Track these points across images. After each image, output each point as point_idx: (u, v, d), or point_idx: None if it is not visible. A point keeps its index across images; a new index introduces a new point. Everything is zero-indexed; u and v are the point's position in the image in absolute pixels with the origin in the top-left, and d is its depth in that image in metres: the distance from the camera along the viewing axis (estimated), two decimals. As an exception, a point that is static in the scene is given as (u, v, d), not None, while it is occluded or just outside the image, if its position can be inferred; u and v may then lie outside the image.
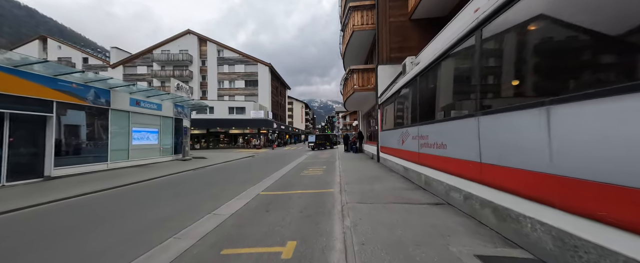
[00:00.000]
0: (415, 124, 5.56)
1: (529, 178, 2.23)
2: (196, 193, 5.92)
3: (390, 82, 9.57)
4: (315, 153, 19.21)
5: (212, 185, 6.98)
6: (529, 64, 2.44)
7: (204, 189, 6.41)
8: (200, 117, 29.22)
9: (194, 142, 30.04)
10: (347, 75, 11.84)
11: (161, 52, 33.84)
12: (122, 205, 5.00)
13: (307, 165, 11.10)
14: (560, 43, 2.11)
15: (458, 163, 3.56)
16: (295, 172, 9.03)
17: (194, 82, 34.56)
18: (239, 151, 24.66)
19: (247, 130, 30.72)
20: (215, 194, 5.74)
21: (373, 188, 5.44)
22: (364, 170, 8.32)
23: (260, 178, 7.91)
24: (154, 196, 5.76)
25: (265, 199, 5.17)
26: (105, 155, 9.78)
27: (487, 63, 3.06)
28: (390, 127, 8.35)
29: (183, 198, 5.50)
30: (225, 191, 6.05)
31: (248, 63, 35.35)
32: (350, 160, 12.10)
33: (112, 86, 9.86)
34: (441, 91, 4.44)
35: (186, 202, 5.14)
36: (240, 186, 6.68)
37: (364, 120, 18.08)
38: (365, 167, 9.15)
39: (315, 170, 9.48)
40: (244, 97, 34.83)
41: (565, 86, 2.00)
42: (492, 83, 3.05)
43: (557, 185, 1.95)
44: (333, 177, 7.71)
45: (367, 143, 15.82)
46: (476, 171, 3.06)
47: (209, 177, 8.39)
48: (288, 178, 7.76)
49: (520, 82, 2.56)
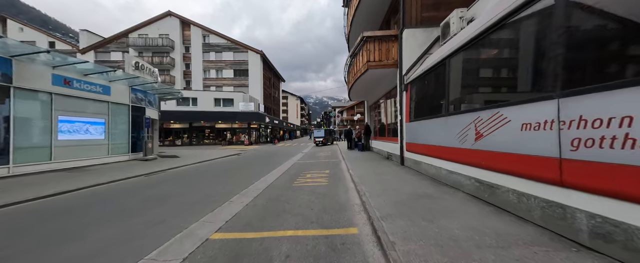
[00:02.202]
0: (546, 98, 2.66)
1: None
2: (89, 234, 2.90)
3: (424, 52, 6.66)
4: (312, 151, 16.30)
5: (137, 211, 3.97)
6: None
7: (119, 219, 3.39)
8: (181, 109, 25.88)
9: (174, 137, 26.73)
10: (357, 48, 8.89)
11: (138, 36, 30.04)
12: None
13: (304, 168, 8.19)
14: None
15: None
16: (287, 181, 6.10)
17: (177, 70, 30.98)
18: (224, 148, 21.59)
19: (235, 125, 27.51)
20: (117, 237, 2.75)
21: (443, 228, 2.57)
22: (390, 179, 5.44)
23: (230, 193, 4.97)
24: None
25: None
26: (6, 156, 6.63)
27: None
28: (427, 114, 5.49)
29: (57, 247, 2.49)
30: (139, 229, 3.05)
31: (237, 50, 31.88)
32: (360, 160, 9.23)
33: (15, 53, 6.66)
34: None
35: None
36: (185, 212, 3.71)
37: (371, 111, 15.19)
38: (387, 173, 6.28)
39: (316, 176, 6.57)
40: (233, 88, 31.48)
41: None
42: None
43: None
44: (346, 192, 4.81)
45: (376, 139, 12.97)
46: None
47: (151, 191, 5.37)
48: (273, 194, 4.82)
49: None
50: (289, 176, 6.99)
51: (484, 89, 4.08)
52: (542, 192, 2.58)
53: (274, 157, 12.90)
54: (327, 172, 7.55)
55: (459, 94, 4.39)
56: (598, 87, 1.99)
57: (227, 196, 4.76)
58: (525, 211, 2.82)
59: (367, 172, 6.61)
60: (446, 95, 4.61)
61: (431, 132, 5.26)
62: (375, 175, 6.00)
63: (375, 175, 6.10)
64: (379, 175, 6.06)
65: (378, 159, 9.54)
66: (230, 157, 13.42)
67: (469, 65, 4.15)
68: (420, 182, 5.09)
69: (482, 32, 3.54)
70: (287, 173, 7.56)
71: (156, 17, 30.72)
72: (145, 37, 29.89)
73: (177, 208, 4.11)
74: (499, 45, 3.43)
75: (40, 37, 31.88)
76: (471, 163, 3.85)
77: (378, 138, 12.54)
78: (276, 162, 10.37)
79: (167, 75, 30.16)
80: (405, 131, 7.15)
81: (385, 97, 10.61)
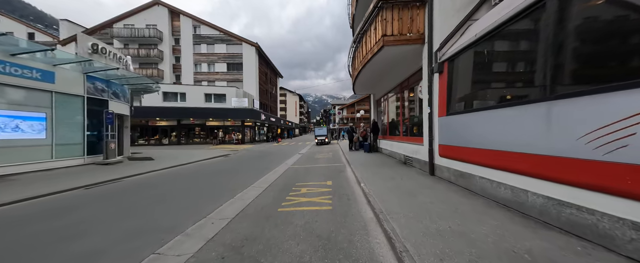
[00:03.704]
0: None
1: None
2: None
3: (466, 17, 4.62)
4: (311, 152, 14.29)
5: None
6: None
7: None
8: (168, 105, 23.81)
9: (160, 136, 24.66)
10: (367, 23, 6.85)
11: (123, 27, 27.81)
12: None
13: (299, 177, 6.16)
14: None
15: None
16: (272, 201, 4.05)
17: (165, 63, 28.81)
18: (215, 148, 19.57)
19: (227, 122, 25.46)
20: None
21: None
22: (432, 205, 3.41)
23: (173, 227, 2.94)
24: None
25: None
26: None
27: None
28: (491, 103, 3.49)
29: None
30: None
31: (230, 42, 29.68)
32: (369, 166, 7.21)
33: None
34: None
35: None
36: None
37: (378, 106, 13.18)
38: (419, 190, 4.25)
39: (314, 191, 4.53)
40: (226, 83, 29.37)
41: None
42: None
43: None
44: (366, 233, 2.76)
45: (385, 138, 10.97)
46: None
47: (55, 222, 3.33)
48: (240, 235, 2.78)
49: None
50: (276, 191, 4.98)
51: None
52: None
53: (266, 160, 10.89)
54: (330, 184, 5.54)
55: (586, 61, 2.36)
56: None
57: (157, 240, 2.74)
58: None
59: (387, 186, 4.60)
60: (551, 64, 2.57)
61: (502, 131, 3.24)
62: (405, 196, 3.98)
63: (402, 194, 4.08)
64: (409, 195, 4.04)
65: (392, 164, 7.54)
66: (214, 160, 11.41)
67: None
68: (491, 213, 3.07)
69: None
70: (275, 185, 5.55)
71: (143, 6, 28.50)
72: (131, 28, 27.70)
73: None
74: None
75: (18, 28, 29.67)
76: (631, 192, 1.84)
77: (389, 137, 10.54)
78: (266, 167, 8.36)
79: (155, 69, 28.00)
80: (438, 128, 5.14)
81: (400, 87, 8.59)
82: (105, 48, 9.85)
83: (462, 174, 4.31)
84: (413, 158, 6.92)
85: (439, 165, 5.22)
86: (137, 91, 14.08)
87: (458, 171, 4.45)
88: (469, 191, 4.06)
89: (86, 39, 9.11)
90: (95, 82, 9.33)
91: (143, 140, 24.30)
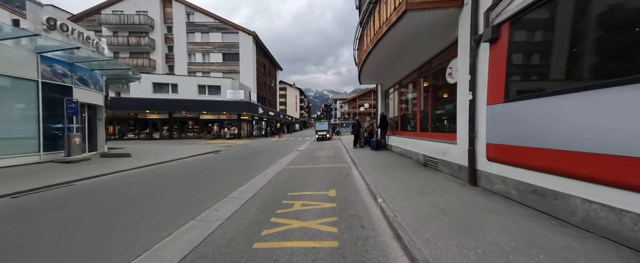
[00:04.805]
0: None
1: None
2: None
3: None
4: (311, 149, 12.86)
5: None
6: None
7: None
8: (158, 97, 22.32)
9: (151, 130, 23.23)
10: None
11: (112, 13, 26.10)
12: None
13: (295, 183, 4.71)
14: None
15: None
16: (252, 222, 2.59)
17: (157, 53, 27.17)
18: (208, 143, 18.17)
19: (223, 116, 23.99)
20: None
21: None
22: (525, 249, 1.96)
23: None
24: None
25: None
26: None
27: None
28: (607, 77, 2.00)
29: None
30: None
31: (226, 31, 27.95)
32: (382, 169, 5.74)
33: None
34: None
35: None
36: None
37: (386, 99, 11.67)
38: (479, 215, 2.80)
39: (312, 208, 3.05)
40: (222, 75, 27.77)
41: None
42: None
43: None
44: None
45: (396, 134, 9.50)
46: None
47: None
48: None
49: None
50: (260, 206, 3.54)
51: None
52: None
53: (259, 158, 9.48)
54: (333, 195, 4.09)
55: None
56: None
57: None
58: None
59: (418, 205, 3.15)
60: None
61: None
62: (459, 231, 2.53)
63: (453, 227, 2.64)
64: (465, 228, 2.59)
65: (408, 167, 6.08)
66: (201, 157, 10.01)
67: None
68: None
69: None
70: (261, 196, 4.11)
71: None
72: (120, 14, 25.99)
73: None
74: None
75: (2, 13, 28.01)
76: None
77: (400, 133, 9.06)
78: (257, 167, 6.93)
79: (146, 59, 26.40)
80: (486, 121, 3.66)
81: (419, 71, 7.06)
82: (67, 25, 8.32)
83: (538, 190, 2.84)
84: (438, 160, 5.46)
85: (487, 172, 3.75)
86: (117, 79, 12.60)
87: (528, 185, 2.98)
88: (560, 221, 2.59)
89: (41, 11, 7.58)
90: (53, 65, 7.84)
91: (133, 134, 22.92)
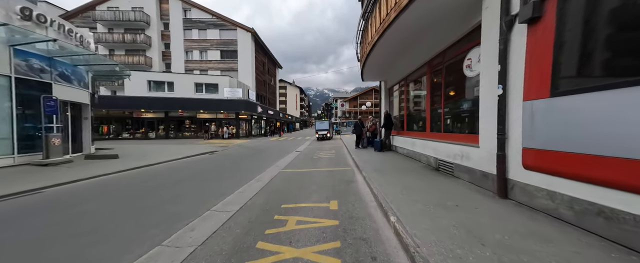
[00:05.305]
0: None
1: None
2: None
3: None
4: (310, 149, 12.22)
5: None
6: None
7: None
8: (154, 95, 21.68)
9: (147, 129, 22.60)
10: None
11: (107, 9, 25.43)
12: None
13: (290, 193, 4.06)
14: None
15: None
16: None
17: (154, 50, 26.51)
18: (205, 143, 17.56)
19: (220, 114, 23.35)
20: None
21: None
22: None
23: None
24: None
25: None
26: None
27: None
28: None
29: None
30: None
31: (224, 27, 27.24)
32: (392, 174, 5.09)
33: None
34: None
35: None
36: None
37: (389, 96, 11.00)
38: (525, 242, 2.15)
39: (308, 234, 2.39)
40: (220, 72, 27.10)
41: None
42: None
43: None
44: None
45: (402, 134, 8.85)
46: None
47: None
48: None
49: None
50: (246, 224, 2.90)
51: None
52: None
53: (256, 159, 8.84)
54: (335, 207, 3.45)
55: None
56: None
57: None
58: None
59: (443, 227, 2.50)
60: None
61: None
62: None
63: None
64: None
65: (419, 171, 5.43)
66: (194, 158, 9.38)
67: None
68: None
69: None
70: (249, 209, 3.47)
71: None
72: (115, 10, 25.31)
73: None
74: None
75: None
76: None
77: (406, 133, 8.41)
78: (251, 170, 6.27)
79: (142, 56, 25.74)
80: (525, 121, 3.00)
81: (429, 65, 6.39)
82: (45, 16, 7.67)
83: (607, 212, 2.17)
84: (454, 165, 4.80)
85: (523, 183, 3.09)
86: (106, 76, 11.95)
87: (591, 204, 2.32)
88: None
89: (13, 0, 6.93)
90: (29, 59, 7.20)
91: (128, 133, 22.30)
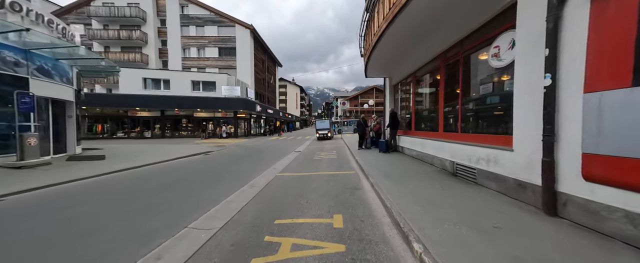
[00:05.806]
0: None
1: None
2: None
3: None
4: (310, 150, 11.57)
5: None
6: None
7: None
8: (149, 93, 21.05)
9: (142, 128, 21.96)
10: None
11: (102, 5, 24.77)
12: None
13: (284, 197, 3.40)
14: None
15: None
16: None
17: (150, 47, 25.85)
18: (201, 142, 16.91)
19: (218, 113, 22.69)
20: None
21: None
22: None
23: None
24: None
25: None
26: None
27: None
28: None
29: None
30: None
31: (222, 24, 26.55)
32: (405, 180, 4.43)
33: None
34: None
35: None
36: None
37: (395, 93, 10.33)
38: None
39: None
40: (218, 70, 26.42)
41: None
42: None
43: None
44: None
45: (409, 134, 8.18)
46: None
47: None
48: None
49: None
50: (231, 244, 2.24)
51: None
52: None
53: (252, 160, 8.20)
54: (339, 226, 2.81)
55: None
56: None
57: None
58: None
59: (484, 260, 1.83)
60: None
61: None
62: None
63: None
64: None
65: (434, 177, 4.77)
66: (187, 159, 8.76)
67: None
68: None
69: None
70: (235, 226, 2.82)
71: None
72: (110, 6, 24.63)
73: None
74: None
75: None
76: None
77: (415, 133, 7.74)
78: (246, 174, 5.61)
79: (139, 54, 25.08)
80: (586, 119, 2.34)
81: (443, 57, 5.72)
82: (20, 4, 7.01)
83: None
84: (477, 171, 4.14)
85: (582, 199, 2.43)
86: (93, 72, 11.30)
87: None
88: None
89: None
90: (1, 51, 6.55)
91: (122, 133, 21.67)
